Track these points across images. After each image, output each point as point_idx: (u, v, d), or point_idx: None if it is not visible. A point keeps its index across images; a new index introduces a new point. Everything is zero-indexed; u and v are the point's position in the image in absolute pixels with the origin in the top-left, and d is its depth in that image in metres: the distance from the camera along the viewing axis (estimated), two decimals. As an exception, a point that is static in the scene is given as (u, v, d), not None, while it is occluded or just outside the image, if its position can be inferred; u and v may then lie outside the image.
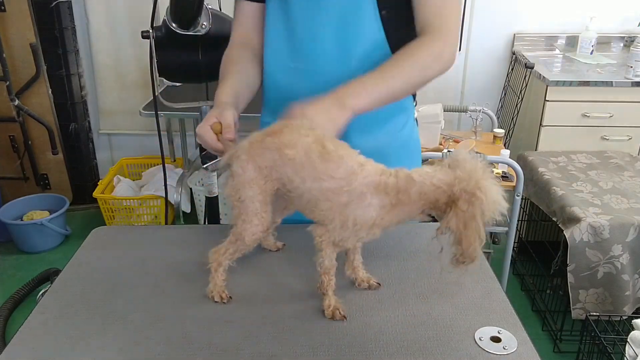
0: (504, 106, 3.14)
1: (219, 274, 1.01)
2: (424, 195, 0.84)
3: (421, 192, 0.84)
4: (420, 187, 0.84)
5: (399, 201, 0.86)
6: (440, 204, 0.84)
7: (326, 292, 0.96)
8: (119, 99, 3.27)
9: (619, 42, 3.18)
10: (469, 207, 0.80)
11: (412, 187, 0.85)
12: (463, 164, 0.83)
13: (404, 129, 1.28)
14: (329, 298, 0.96)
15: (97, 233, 1.26)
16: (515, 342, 0.90)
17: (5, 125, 3.03)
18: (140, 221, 3.02)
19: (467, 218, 0.81)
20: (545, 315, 2.36)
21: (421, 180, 0.84)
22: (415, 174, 0.86)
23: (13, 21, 2.88)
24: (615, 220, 1.98)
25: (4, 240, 2.98)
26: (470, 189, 0.80)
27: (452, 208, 0.82)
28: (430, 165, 0.88)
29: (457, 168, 0.83)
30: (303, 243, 1.19)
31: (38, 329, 0.94)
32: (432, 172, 0.85)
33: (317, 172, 0.89)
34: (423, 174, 0.85)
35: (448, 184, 0.82)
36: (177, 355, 0.88)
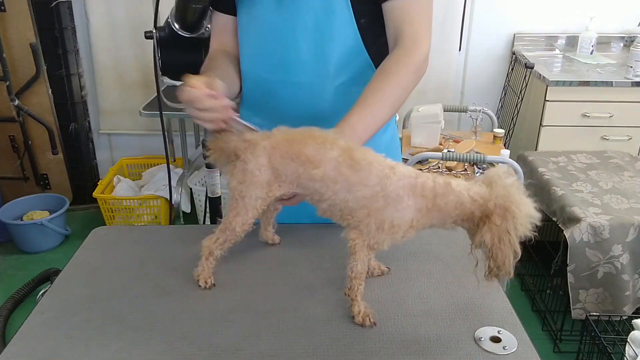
0: (504, 106, 3.14)
1: (209, 262, 1.03)
2: (460, 206, 0.86)
3: (458, 201, 0.86)
4: (458, 197, 0.86)
5: (435, 206, 0.87)
6: (474, 217, 0.86)
7: (355, 297, 0.95)
8: (119, 99, 3.27)
9: (619, 42, 3.18)
10: (503, 221, 0.83)
11: (450, 194, 0.87)
12: (498, 180, 0.85)
13: (386, 132, 1.28)
14: (358, 304, 0.95)
15: (97, 233, 1.26)
16: (515, 342, 0.90)
17: (5, 125, 3.03)
18: (140, 221, 3.02)
19: (501, 232, 0.83)
20: (545, 315, 2.36)
21: (459, 190, 0.86)
22: (453, 182, 0.88)
23: (13, 21, 2.88)
24: (615, 220, 1.98)
25: (4, 240, 2.98)
26: (506, 204, 0.83)
27: (486, 223, 0.84)
28: None
29: (492, 184, 0.85)
30: (303, 243, 1.19)
31: (38, 329, 0.94)
32: (469, 185, 0.87)
33: (350, 184, 0.90)
34: (460, 184, 0.87)
35: (484, 198, 0.84)
36: (177, 355, 0.88)
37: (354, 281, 0.94)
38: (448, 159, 2.24)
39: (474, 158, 2.18)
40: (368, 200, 0.89)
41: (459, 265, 1.12)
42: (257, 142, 0.96)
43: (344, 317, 0.96)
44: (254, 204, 0.97)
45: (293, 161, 0.93)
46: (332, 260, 1.13)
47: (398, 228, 0.89)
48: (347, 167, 0.90)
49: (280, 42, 1.17)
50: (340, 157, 0.91)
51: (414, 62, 1.09)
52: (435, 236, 1.22)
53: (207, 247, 1.02)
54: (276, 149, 0.94)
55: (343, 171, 0.90)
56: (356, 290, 0.94)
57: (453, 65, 3.10)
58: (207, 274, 1.04)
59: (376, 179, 0.89)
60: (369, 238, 0.91)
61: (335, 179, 0.91)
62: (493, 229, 0.83)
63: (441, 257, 1.15)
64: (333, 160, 0.91)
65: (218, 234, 1.01)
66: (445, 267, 1.11)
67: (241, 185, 0.96)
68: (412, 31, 1.10)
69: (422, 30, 1.11)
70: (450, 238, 1.21)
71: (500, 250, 0.83)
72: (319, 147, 0.92)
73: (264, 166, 0.95)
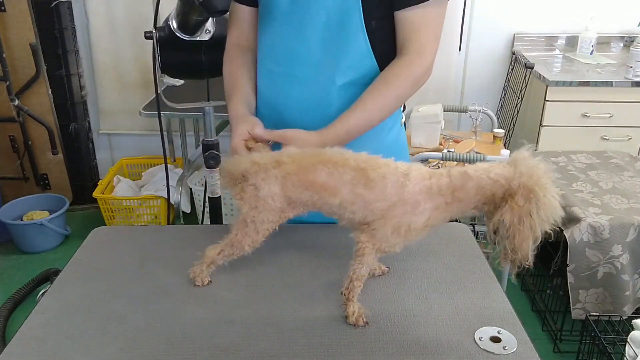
0: (504, 106, 3.14)
1: (209, 268, 1.04)
2: (481, 190, 0.85)
3: (479, 186, 0.85)
4: (477, 182, 0.85)
5: (455, 199, 0.87)
6: (496, 198, 0.84)
7: (352, 298, 0.95)
8: (119, 99, 3.27)
9: (619, 42, 3.18)
10: (526, 202, 0.80)
11: (469, 182, 0.86)
12: (524, 161, 0.83)
13: (390, 132, 1.29)
14: (353, 304, 0.95)
15: (97, 233, 1.26)
16: (515, 342, 0.90)
17: (5, 125, 3.03)
18: (140, 221, 3.02)
19: (522, 213, 0.81)
20: (545, 315, 2.36)
21: (478, 175, 0.85)
22: (470, 169, 0.87)
23: (13, 21, 2.88)
24: (615, 220, 1.98)
25: (4, 240, 2.97)
26: (530, 185, 0.81)
27: (508, 202, 0.82)
28: None
29: (518, 165, 0.83)
30: (303, 243, 1.19)
31: (38, 329, 0.94)
32: (489, 167, 0.86)
33: (368, 202, 0.91)
34: (479, 169, 0.86)
35: (507, 178, 0.83)
36: (177, 355, 0.88)
37: (355, 282, 0.94)
38: (448, 159, 2.24)
39: (474, 158, 2.18)
40: (386, 210, 0.90)
41: (458, 265, 1.12)
42: (268, 169, 0.95)
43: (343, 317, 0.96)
44: (265, 227, 0.97)
45: (307, 190, 0.93)
46: (332, 260, 1.13)
47: (414, 231, 0.90)
48: (362, 187, 0.90)
49: (290, 36, 1.18)
50: (355, 179, 0.91)
51: (414, 73, 1.12)
52: (435, 236, 1.22)
53: (210, 257, 1.02)
54: (287, 179, 0.94)
55: (359, 192, 0.91)
56: (355, 291, 0.94)
57: (453, 65, 3.10)
58: (204, 275, 1.04)
59: (392, 190, 0.89)
60: (382, 242, 0.91)
61: (353, 200, 0.91)
62: (514, 208, 0.81)
63: (441, 257, 1.15)
64: (348, 184, 0.91)
65: (223, 246, 1.00)
66: (445, 267, 1.11)
67: (254, 211, 0.96)
68: (418, 43, 1.12)
69: (429, 42, 1.13)
70: (450, 238, 1.21)
71: (519, 232, 0.81)
72: (331, 172, 0.92)
73: (277, 194, 0.94)
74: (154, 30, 1.43)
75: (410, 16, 1.12)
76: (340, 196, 0.91)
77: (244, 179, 0.96)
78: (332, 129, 1.08)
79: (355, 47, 1.15)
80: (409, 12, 1.11)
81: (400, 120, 1.33)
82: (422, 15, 1.11)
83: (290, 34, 1.18)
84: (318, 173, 0.92)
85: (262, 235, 0.98)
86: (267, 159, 0.96)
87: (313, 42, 1.16)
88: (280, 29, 1.19)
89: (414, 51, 1.12)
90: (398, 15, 1.13)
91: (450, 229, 1.26)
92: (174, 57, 1.50)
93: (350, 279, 0.94)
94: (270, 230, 0.98)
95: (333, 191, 0.92)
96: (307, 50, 1.17)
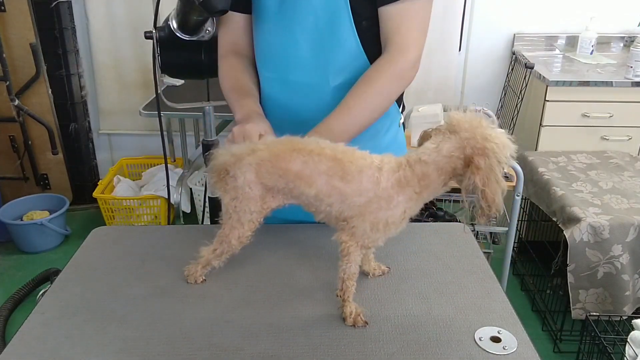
0: (504, 106, 3.14)
1: (204, 270, 1.04)
2: (441, 170, 0.87)
3: (438, 168, 0.86)
4: (435, 165, 0.86)
5: (423, 187, 0.88)
6: (458, 170, 0.86)
7: (347, 298, 0.94)
8: (119, 99, 3.27)
9: (619, 42, 3.18)
10: (485, 160, 0.83)
11: (429, 168, 0.87)
12: (462, 124, 0.85)
13: (387, 134, 1.28)
14: (349, 305, 0.94)
15: (97, 233, 1.26)
16: (515, 342, 0.90)
17: (5, 125, 3.03)
18: (140, 221, 3.02)
19: (486, 171, 0.83)
20: (545, 315, 2.36)
21: (432, 158, 0.86)
22: (424, 155, 0.87)
23: (13, 21, 2.88)
24: (615, 220, 1.98)
25: (4, 240, 2.98)
26: (480, 145, 0.83)
27: (470, 167, 0.84)
28: (429, 138, 0.90)
29: (458, 130, 0.85)
30: (303, 243, 1.19)
31: (38, 329, 0.94)
32: (437, 146, 0.86)
33: (345, 196, 0.90)
34: (429, 152, 0.87)
35: (458, 148, 0.85)
36: (177, 355, 0.88)
37: (347, 282, 0.94)
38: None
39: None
40: (363, 206, 0.90)
41: (458, 265, 1.12)
42: (243, 157, 0.95)
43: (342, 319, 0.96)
44: (249, 218, 0.97)
45: (281, 177, 0.93)
46: (332, 260, 1.13)
47: (392, 225, 0.90)
48: (339, 179, 0.90)
49: (281, 41, 1.18)
50: (331, 170, 0.90)
51: (396, 70, 1.10)
52: (435, 236, 1.22)
53: (205, 257, 1.02)
54: (261, 165, 0.94)
55: (336, 185, 0.90)
56: (349, 291, 0.94)
57: (453, 65, 3.10)
58: (199, 274, 1.05)
59: (369, 185, 0.89)
60: (364, 239, 0.91)
61: (330, 192, 0.91)
62: (478, 171, 0.83)
63: (441, 257, 1.15)
64: (324, 174, 0.91)
65: (216, 244, 1.01)
66: (445, 267, 1.11)
67: (235, 201, 0.96)
68: (399, 39, 1.11)
69: (411, 38, 1.11)
70: (450, 238, 1.21)
71: (489, 188, 0.83)
72: (306, 161, 0.91)
73: (253, 182, 0.95)
74: (154, 30, 1.43)
75: (392, 11, 1.10)
76: (315, 187, 0.91)
77: (226, 172, 0.97)
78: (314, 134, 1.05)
79: (346, 48, 1.15)
80: (391, 8, 1.10)
81: (398, 121, 1.32)
82: (404, 10, 1.10)
83: (281, 39, 1.17)
84: (293, 161, 0.92)
85: (248, 228, 0.98)
86: (243, 148, 0.97)
87: (303, 45, 1.16)
88: (270, 34, 1.19)
89: (395, 48, 1.11)
90: (381, 11, 1.12)
91: (450, 229, 1.26)
92: (174, 57, 1.50)
93: (342, 280, 0.94)
94: (255, 222, 0.98)
95: (308, 180, 0.91)
96: (298, 53, 1.17)
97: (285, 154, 0.93)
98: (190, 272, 1.05)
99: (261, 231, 1.22)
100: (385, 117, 1.26)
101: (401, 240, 1.19)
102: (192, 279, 1.05)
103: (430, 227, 1.31)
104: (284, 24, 1.16)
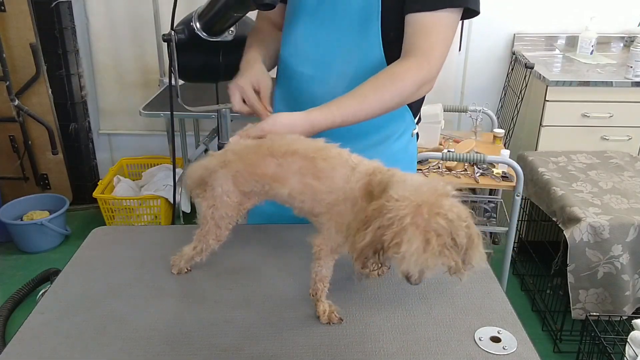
0: (504, 106, 3.14)
1: (188, 263, 1.07)
2: None
3: None
4: None
5: None
6: None
7: (320, 298, 0.96)
8: (119, 99, 3.27)
9: (619, 42, 3.18)
10: None
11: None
12: None
13: (398, 141, 1.27)
14: (322, 304, 0.96)
15: (97, 233, 1.26)
16: (515, 342, 0.90)
17: (5, 125, 3.03)
18: (140, 221, 3.02)
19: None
20: (545, 315, 2.36)
21: None
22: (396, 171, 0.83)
23: (13, 21, 2.88)
24: (615, 220, 1.98)
25: (4, 240, 2.98)
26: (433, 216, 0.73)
27: None
28: None
29: None
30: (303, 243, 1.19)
31: (38, 329, 0.94)
32: None
33: (316, 193, 0.90)
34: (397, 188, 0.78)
35: None
36: (177, 355, 0.88)
37: (319, 284, 0.95)
38: (448, 159, 2.24)
39: (474, 158, 2.18)
40: (331, 205, 0.89)
41: (459, 265, 1.11)
42: (217, 170, 0.97)
43: (344, 318, 0.96)
44: (226, 221, 1.00)
45: (258, 182, 0.95)
46: (332, 260, 1.13)
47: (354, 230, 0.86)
48: (311, 176, 0.90)
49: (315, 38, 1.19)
50: (304, 168, 0.91)
51: (421, 76, 1.08)
52: (435, 236, 1.22)
53: (187, 254, 1.05)
54: (238, 175, 0.96)
55: (308, 182, 0.90)
56: (320, 292, 0.95)
57: (453, 65, 3.10)
58: (184, 265, 1.08)
59: (340, 183, 0.88)
60: (332, 241, 0.91)
61: (302, 190, 0.91)
62: None
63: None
64: (297, 174, 0.91)
65: (195, 242, 1.04)
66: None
67: (212, 209, 0.99)
68: (426, 45, 1.09)
69: (437, 48, 1.09)
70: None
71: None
72: (280, 163, 0.92)
73: (231, 191, 0.97)
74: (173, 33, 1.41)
75: (421, 19, 1.10)
76: (289, 186, 0.92)
77: (205, 183, 1.00)
78: (326, 112, 1.01)
79: (370, 55, 1.15)
80: (421, 16, 1.10)
81: (412, 130, 1.30)
82: (434, 19, 1.09)
83: (315, 36, 1.19)
84: (267, 166, 0.93)
85: (225, 229, 1.01)
86: (215, 161, 0.98)
87: (334, 44, 1.17)
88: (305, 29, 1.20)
89: (422, 53, 1.09)
90: (410, 17, 1.11)
91: (450, 229, 1.25)
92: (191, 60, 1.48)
93: (314, 281, 0.96)
94: (232, 223, 1.01)
95: (283, 181, 0.92)
96: (329, 53, 1.18)
97: (259, 161, 0.94)
98: (175, 263, 1.08)
99: (262, 231, 1.22)
100: (400, 122, 1.26)
101: (401, 240, 1.19)
102: (175, 269, 1.08)
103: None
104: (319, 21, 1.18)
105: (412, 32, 1.11)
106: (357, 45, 1.16)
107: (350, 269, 1.02)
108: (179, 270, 1.08)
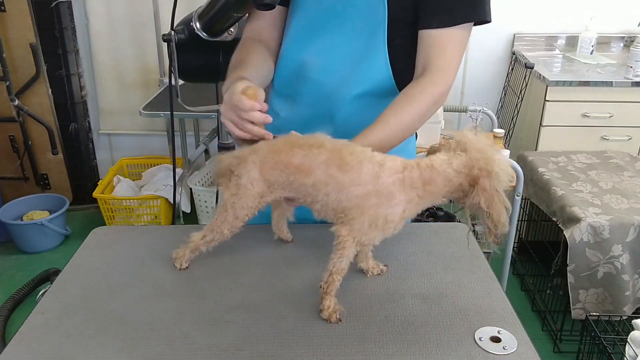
0: (504, 106, 3.14)
1: (193, 253, 1.08)
2: (449, 182, 0.89)
3: (446, 179, 0.89)
4: (444, 175, 0.89)
5: (427, 192, 0.90)
6: (463, 187, 0.89)
7: (329, 292, 0.95)
8: (119, 99, 3.28)
9: (619, 42, 3.18)
10: (491, 182, 0.86)
11: (437, 176, 0.89)
12: (472, 144, 0.88)
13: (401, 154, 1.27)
14: (329, 299, 0.95)
15: (97, 233, 1.26)
16: (515, 342, 0.90)
17: (5, 125, 3.04)
18: (140, 221, 3.02)
19: (491, 193, 0.86)
20: (545, 315, 2.36)
21: (443, 169, 0.89)
22: (435, 162, 0.90)
23: (13, 21, 2.88)
24: (615, 220, 1.98)
25: (4, 240, 2.98)
26: (488, 167, 0.86)
27: (476, 188, 0.87)
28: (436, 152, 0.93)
29: (468, 150, 0.88)
30: (303, 243, 1.19)
31: (38, 329, 0.94)
32: (449, 159, 0.89)
33: (342, 185, 0.92)
34: (442, 162, 0.89)
35: (467, 167, 0.87)
36: (177, 355, 0.88)
37: (334, 275, 0.94)
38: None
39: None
40: (361, 198, 0.91)
41: (458, 265, 1.12)
42: (246, 157, 0.99)
43: (344, 317, 0.96)
44: (245, 212, 1.00)
45: (283, 171, 0.96)
46: (332, 260, 1.13)
47: (392, 223, 0.91)
48: (336, 168, 0.92)
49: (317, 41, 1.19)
50: (329, 160, 0.92)
51: (438, 92, 1.10)
52: (435, 236, 1.22)
53: (194, 242, 1.06)
54: (265, 162, 0.97)
55: (333, 174, 0.92)
56: (333, 285, 0.95)
57: (453, 65, 3.10)
58: (185, 259, 1.08)
59: (368, 177, 0.91)
60: (361, 235, 0.92)
61: (327, 181, 0.92)
62: (484, 191, 0.86)
63: (441, 257, 1.15)
64: (322, 164, 0.93)
65: (205, 232, 1.04)
66: (445, 267, 1.11)
67: (234, 197, 0.99)
68: (442, 62, 1.11)
69: (452, 63, 1.12)
70: (450, 238, 1.21)
71: (495, 210, 0.86)
72: (307, 154, 0.94)
73: (256, 179, 0.98)
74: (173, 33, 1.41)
75: (436, 35, 1.11)
76: (314, 176, 0.93)
77: (231, 172, 1.00)
78: None
79: (375, 60, 1.16)
80: (436, 32, 1.10)
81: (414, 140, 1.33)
82: (450, 35, 1.10)
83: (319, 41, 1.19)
84: (294, 155, 0.95)
85: (241, 221, 1.01)
86: (245, 150, 1.01)
87: (339, 51, 1.17)
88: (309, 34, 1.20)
89: (438, 69, 1.10)
90: (423, 34, 1.12)
91: (450, 229, 1.26)
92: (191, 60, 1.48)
93: (329, 272, 0.95)
94: (249, 216, 1.01)
95: (307, 171, 0.93)
96: (333, 58, 1.18)
97: (286, 150, 0.96)
98: (178, 255, 1.09)
99: (262, 231, 1.22)
100: None
101: (401, 240, 1.19)
102: (178, 262, 1.08)
103: (430, 227, 1.31)
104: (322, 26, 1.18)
105: (428, 48, 1.12)
106: (362, 50, 1.16)
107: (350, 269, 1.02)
108: (180, 265, 1.09)
